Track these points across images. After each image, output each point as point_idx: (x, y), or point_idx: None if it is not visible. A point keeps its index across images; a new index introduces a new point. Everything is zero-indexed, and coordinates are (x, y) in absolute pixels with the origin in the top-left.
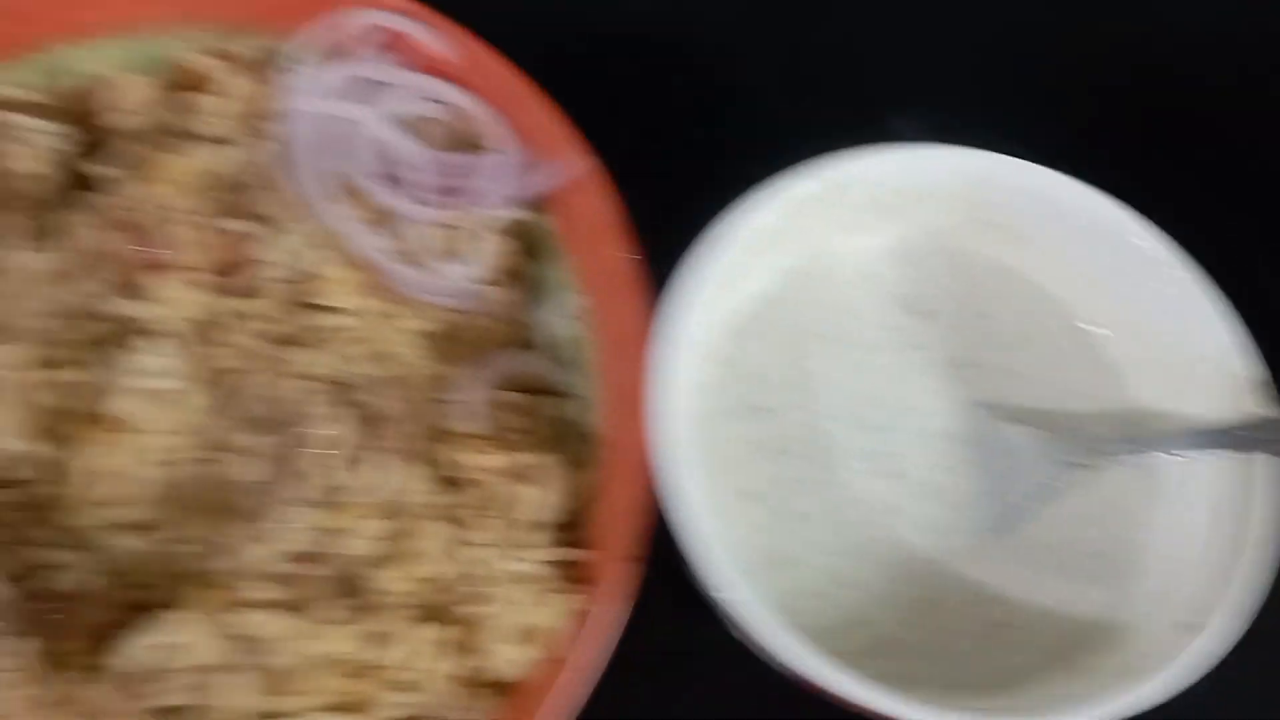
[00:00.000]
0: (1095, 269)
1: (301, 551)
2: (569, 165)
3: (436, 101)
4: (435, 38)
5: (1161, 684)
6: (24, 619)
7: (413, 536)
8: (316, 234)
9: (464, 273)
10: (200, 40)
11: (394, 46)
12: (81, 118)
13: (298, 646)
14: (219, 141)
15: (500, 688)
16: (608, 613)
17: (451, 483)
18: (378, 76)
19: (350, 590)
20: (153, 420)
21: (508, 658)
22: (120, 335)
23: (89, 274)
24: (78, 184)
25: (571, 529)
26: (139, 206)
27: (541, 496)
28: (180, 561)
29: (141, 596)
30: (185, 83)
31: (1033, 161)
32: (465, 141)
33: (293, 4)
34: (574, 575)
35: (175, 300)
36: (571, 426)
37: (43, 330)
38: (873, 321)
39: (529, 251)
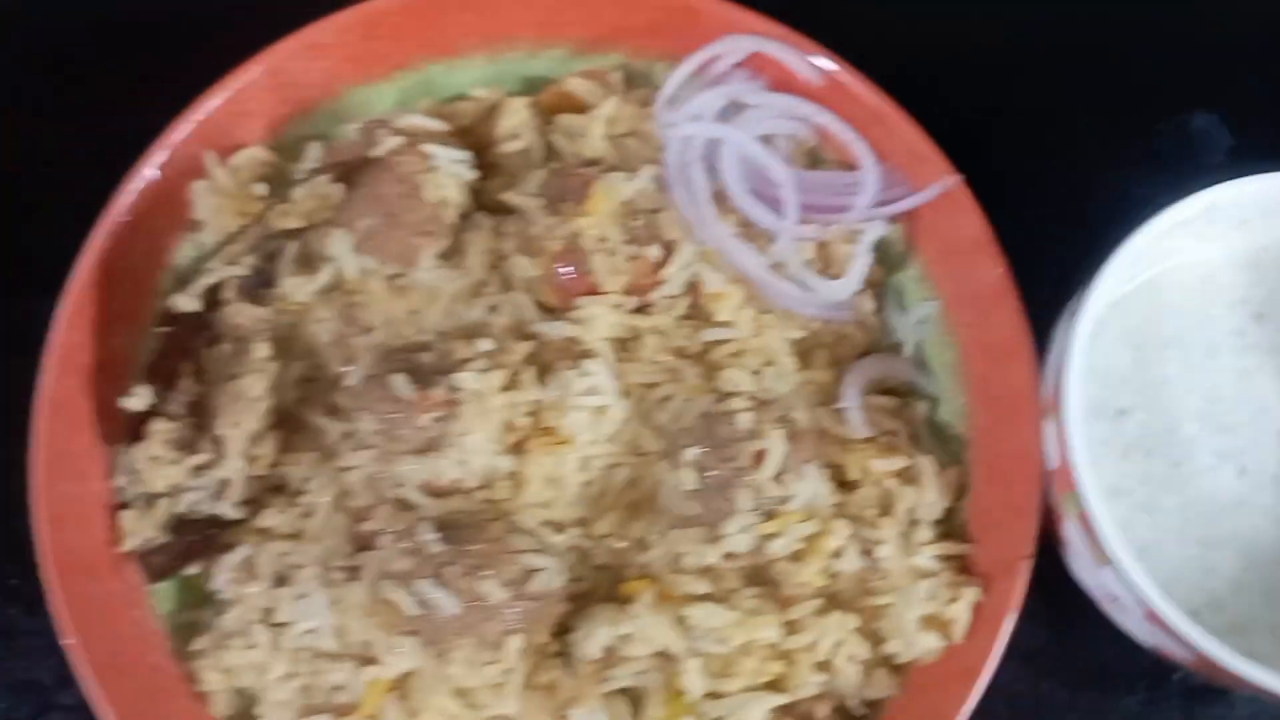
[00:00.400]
0: None
1: (735, 552)
2: (934, 181)
3: (802, 121)
4: (799, 58)
5: None
6: (521, 619)
7: (823, 535)
8: (704, 253)
9: (837, 287)
10: (556, 57)
11: (760, 69)
12: (474, 143)
13: (732, 634)
14: (614, 168)
15: (902, 670)
16: (1005, 605)
17: (844, 484)
18: (747, 99)
19: (761, 582)
20: (587, 432)
21: (910, 643)
22: (556, 355)
23: (494, 292)
24: (477, 206)
25: (946, 524)
26: (574, 237)
27: (924, 495)
28: (608, 557)
29: (579, 589)
30: (557, 105)
31: None
32: (832, 160)
33: (642, 23)
34: (960, 568)
35: (601, 321)
36: (938, 428)
37: (489, 354)
38: (1219, 326)
39: (883, 261)
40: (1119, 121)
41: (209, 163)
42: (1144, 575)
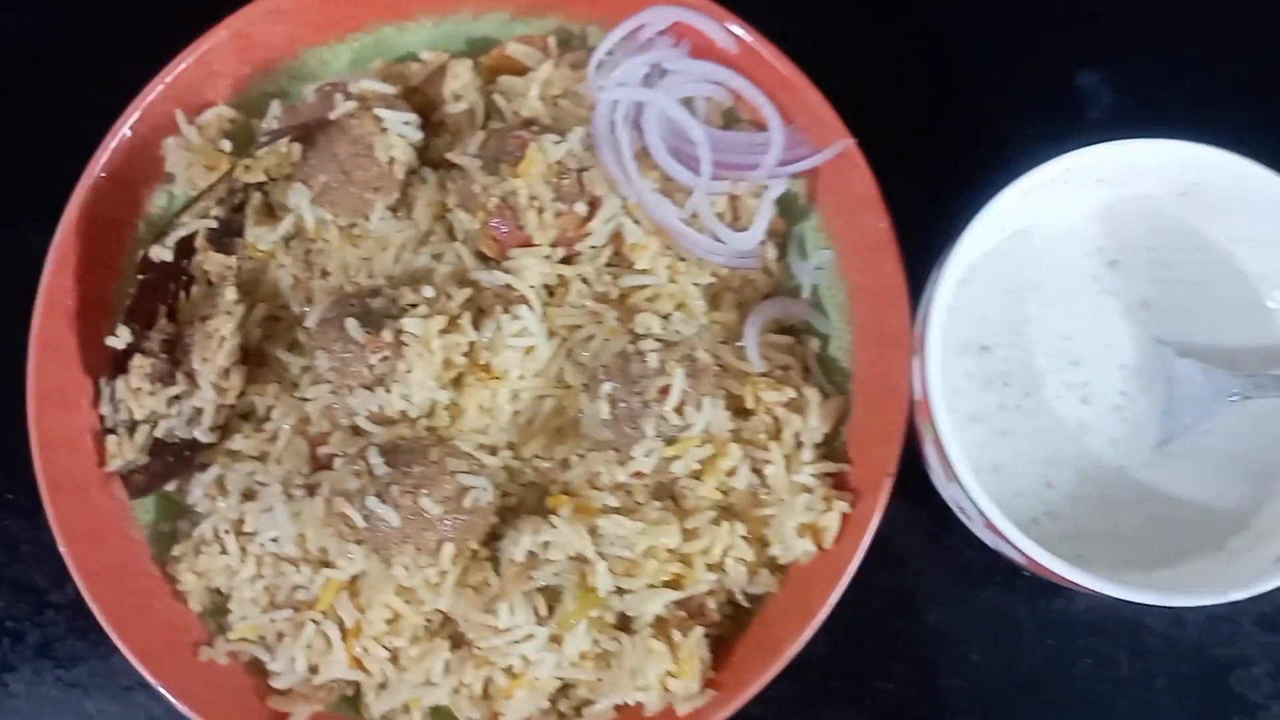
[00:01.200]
0: None
1: (641, 471)
2: (833, 143)
3: (719, 85)
4: (717, 27)
5: None
6: (454, 530)
7: (719, 457)
8: (627, 207)
9: (744, 237)
10: (498, 20)
11: (683, 36)
12: (422, 103)
13: (638, 541)
14: (549, 129)
15: (782, 569)
16: (869, 515)
17: (740, 412)
18: (670, 65)
19: (665, 496)
20: (517, 368)
21: (789, 548)
22: (492, 301)
23: (438, 242)
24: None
25: (828, 446)
26: (509, 194)
27: (809, 422)
28: (534, 476)
29: (509, 504)
30: (499, 67)
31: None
32: (745, 121)
33: None
34: (836, 484)
35: (532, 270)
36: (827, 362)
37: (432, 300)
38: (1078, 273)
39: (786, 214)
40: (1011, 74)
41: (180, 120)
42: (982, 492)
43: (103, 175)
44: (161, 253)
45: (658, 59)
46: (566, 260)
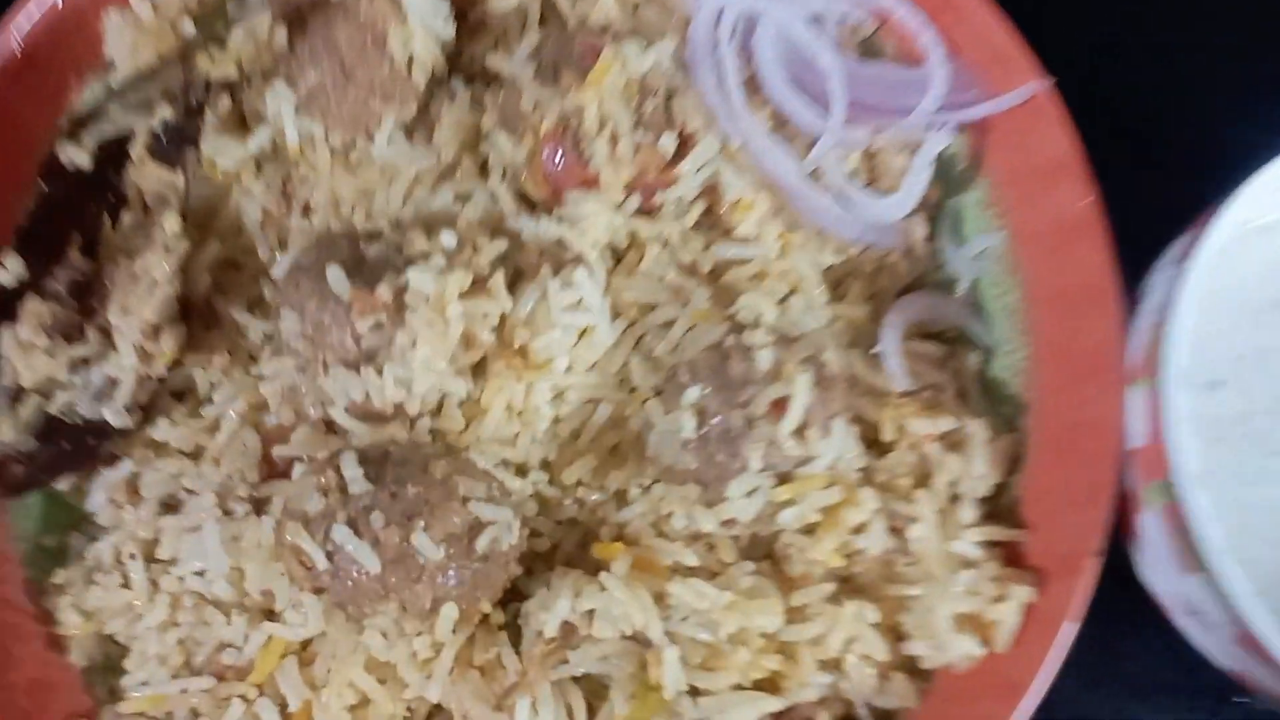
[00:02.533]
0: None
1: (736, 519)
2: (1017, 86)
3: (859, 2)
4: None
5: None
6: (459, 583)
7: (845, 506)
8: (728, 151)
9: (886, 205)
10: None
11: None
12: None
13: (723, 619)
14: (621, 37)
15: (925, 676)
16: (1063, 610)
17: (875, 445)
18: None
19: (763, 556)
20: (566, 356)
21: (940, 645)
22: (536, 260)
23: (466, 178)
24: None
25: (993, 503)
26: (572, 115)
27: (972, 467)
28: (577, 512)
29: (538, 548)
30: None
31: None
32: (890, 51)
33: None
34: (1009, 559)
35: (596, 222)
36: (991, 386)
37: (452, 251)
38: None
39: (941, 180)
40: (1249, 62)
41: None
42: (1248, 591)
43: (15, 54)
44: (76, 155)
45: None
46: (643, 213)
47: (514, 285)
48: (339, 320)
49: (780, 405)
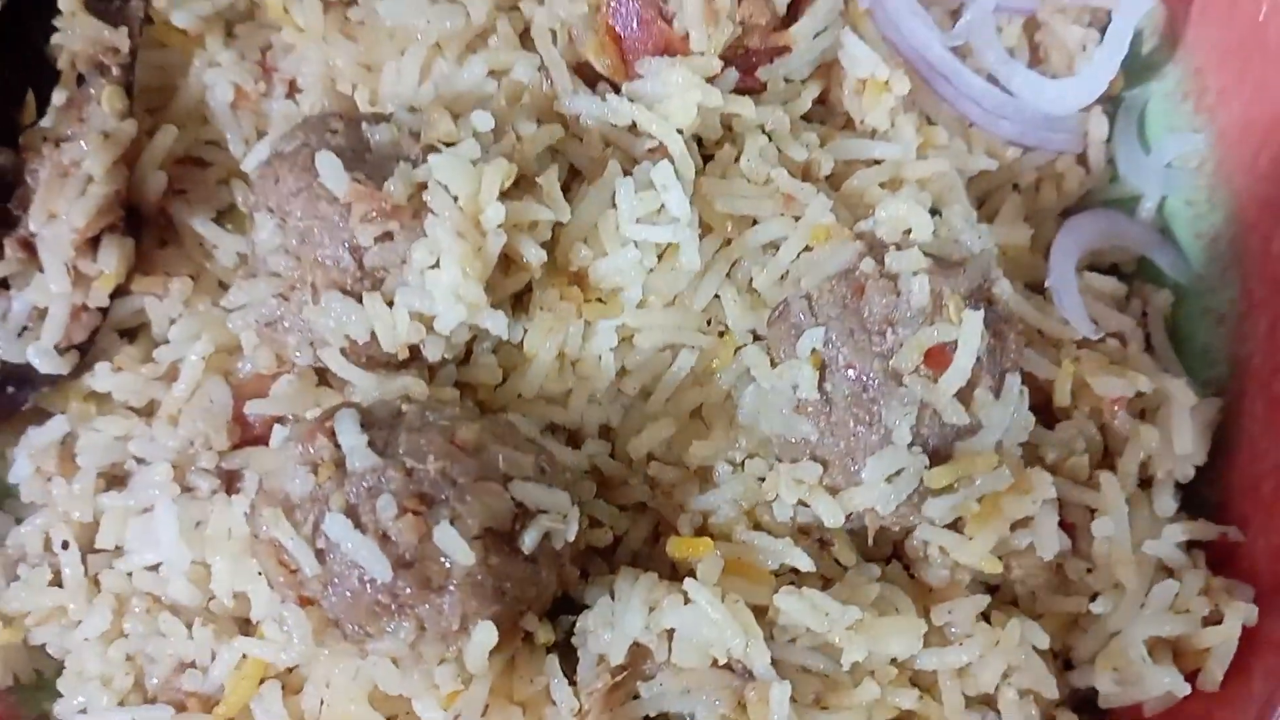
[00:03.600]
0: None
1: (871, 508)
2: None
3: None
4: None
5: None
6: (495, 592)
7: (1009, 494)
8: (853, 13)
9: (1057, 92)
10: None
11: None
12: None
13: (847, 642)
14: None
15: (1104, 716)
16: None
17: (1043, 410)
18: None
19: (892, 556)
20: (640, 287)
21: (1130, 676)
22: (600, 154)
23: (505, 46)
24: None
25: (1191, 491)
26: None
27: (1175, 441)
28: (646, 495)
29: (596, 540)
30: None
31: None
32: None
33: None
34: (1215, 562)
35: (682, 101)
36: (1185, 335)
37: (486, 136)
38: None
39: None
40: None
41: None
42: None
43: None
44: None
45: None
46: (741, 91)
47: (569, 187)
48: (333, 227)
49: (939, 355)
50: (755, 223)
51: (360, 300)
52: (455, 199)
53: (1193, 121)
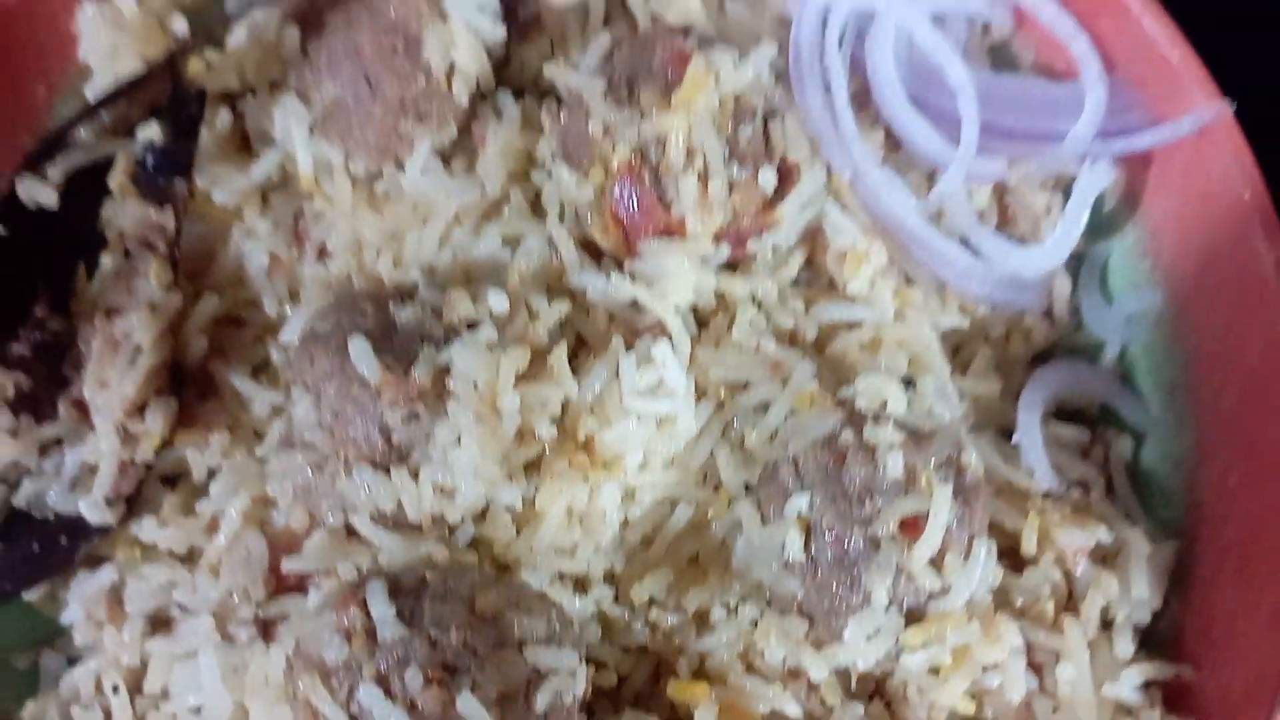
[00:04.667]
0: None
1: (852, 666)
2: (1187, 110)
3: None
4: None
5: None
6: None
7: (980, 640)
8: (835, 186)
9: (1028, 256)
10: None
11: None
12: None
13: None
14: (709, 42)
15: None
16: None
17: (1009, 555)
18: None
19: (873, 694)
20: (640, 451)
21: None
22: (605, 327)
23: (517, 217)
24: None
25: (1149, 629)
26: (653, 143)
27: (1131, 587)
28: (647, 638)
29: (601, 682)
30: None
31: None
32: (1030, 61)
33: None
34: (1170, 700)
35: (680, 280)
36: (1145, 479)
37: (502, 317)
38: None
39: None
40: None
41: None
42: None
43: None
44: (39, 191)
45: None
46: (731, 267)
47: (576, 354)
48: (364, 408)
49: (913, 524)
50: (746, 386)
51: (388, 473)
52: (475, 385)
53: (1151, 278)
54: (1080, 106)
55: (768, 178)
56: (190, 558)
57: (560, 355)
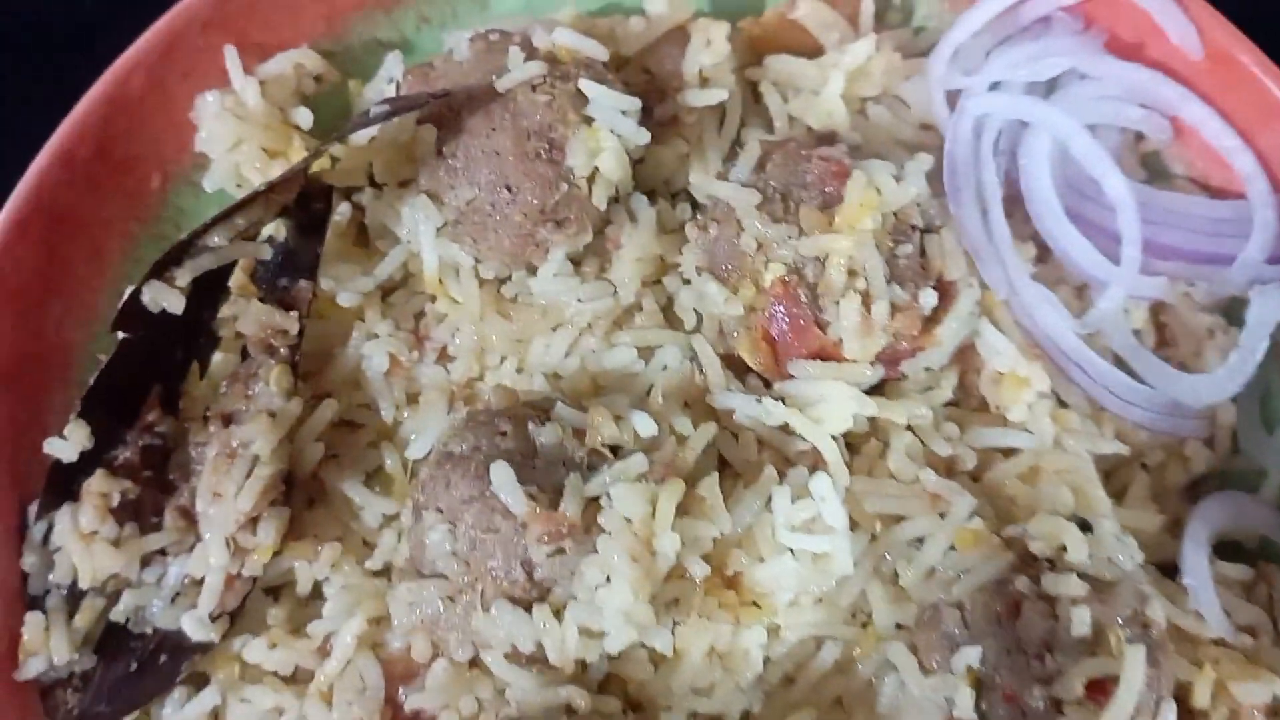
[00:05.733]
0: None
1: None
2: None
3: (1152, 110)
4: (1167, 8)
5: None
6: None
7: None
8: (987, 303)
9: (1198, 384)
10: None
11: (1097, 19)
12: (638, 86)
13: None
14: (859, 150)
15: None
16: None
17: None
18: (1071, 63)
19: None
20: (792, 589)
21: None
22: (752, 454)
23: (651, 324)
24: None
25: None
26: (809, 262)
27: None
28: None
29: None
30: (770, 40)
31: None
32: (1180, 176)
33: None
34: None
35: (837, 406)
36: None
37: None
38: None
39: None
40: None
41: (230, 66)
42: None
43: (78, 147)
44: (163, 295)
45: (1056, 52)
46: (879, 390)
47: (721, 480)
48: (507, 541)
49: (1100, 686)
50: (900, 519)
51: (528, 609)
52: (629, 521)
53: None
54: (1245, 225)
55: (928, 298)
56: (294, 678)
57: (712, 487)
